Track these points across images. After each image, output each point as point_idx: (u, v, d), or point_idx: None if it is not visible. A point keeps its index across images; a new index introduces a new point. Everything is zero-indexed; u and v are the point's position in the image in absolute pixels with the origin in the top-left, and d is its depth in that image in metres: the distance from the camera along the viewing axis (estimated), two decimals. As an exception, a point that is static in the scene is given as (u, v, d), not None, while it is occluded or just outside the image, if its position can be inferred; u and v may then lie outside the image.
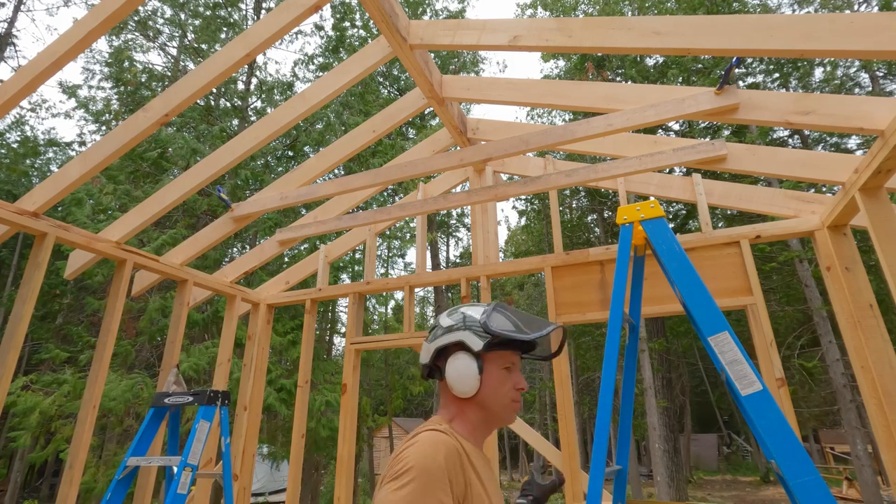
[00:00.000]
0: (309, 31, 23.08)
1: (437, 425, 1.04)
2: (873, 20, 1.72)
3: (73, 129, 60.59)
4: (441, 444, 0.94)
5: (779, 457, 1.27)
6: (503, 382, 1.11)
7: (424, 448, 0.93)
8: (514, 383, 1.12)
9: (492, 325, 1.09)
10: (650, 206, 1.71)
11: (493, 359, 1.11)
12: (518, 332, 1.09)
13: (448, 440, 0.97)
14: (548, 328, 1.10)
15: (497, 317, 1.12)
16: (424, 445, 0.94)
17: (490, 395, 1.10)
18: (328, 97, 2.85)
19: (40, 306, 12.49)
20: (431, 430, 1.00)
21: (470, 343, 1.10)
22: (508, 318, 1.13)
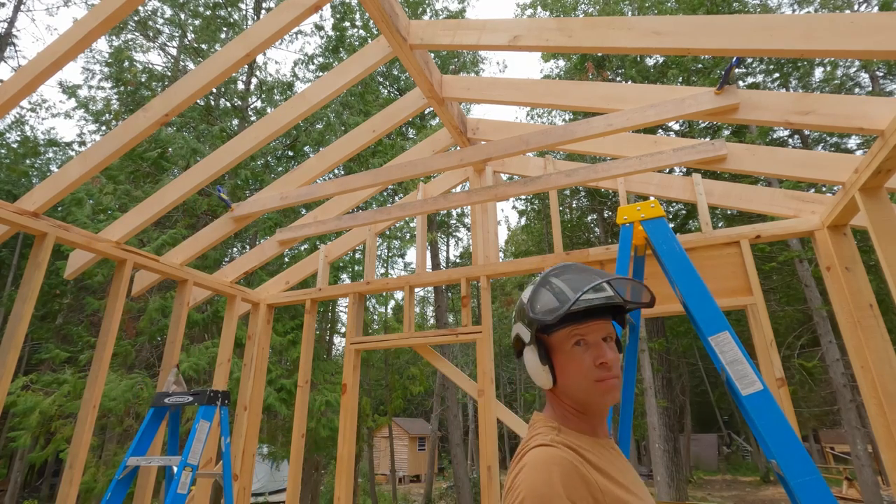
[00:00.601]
0: (309, 31, 23.09)
1: (544, 432, 0.93)
2: (873, 20, 1.72)
3: (73, 129, 60.62)
4: (553, 464, 0.83)
5: (779, 456, 1.27)
6: (579, 362, 0.95)
7: (535, 475, 0.82)
8: (594, 358, 0.94)
9: (532, 311, 0.97)
10: (650, 206, 1.71)
11: (558, 339, 0.97)
12: (555, 308, 0.94)
13: (560, 456, 0.85)
14: (584, 288, 0.92)
15: (540, 295, 0.98)
16: (535, 471, 0.83)
17: (568, 383, 0.96)
18: (328, 97, 2.85)
19: (40, 306, 12.49)
20: (539, 445, 0.89)
21: (523, 337, 1.00)
22: (555, 288, 0.97)
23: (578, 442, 0.92)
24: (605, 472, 0.87)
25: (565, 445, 0.88)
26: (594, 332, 0.96)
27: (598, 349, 0.95)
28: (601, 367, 0.94)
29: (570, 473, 0.82)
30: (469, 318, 3.54)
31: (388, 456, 20.71)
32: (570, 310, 0.92)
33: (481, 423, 3.17)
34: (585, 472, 0.83)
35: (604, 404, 0.95)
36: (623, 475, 0.91)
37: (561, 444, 0.88)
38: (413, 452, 27.23)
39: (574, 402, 0.97)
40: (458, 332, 3.46)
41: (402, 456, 26.40)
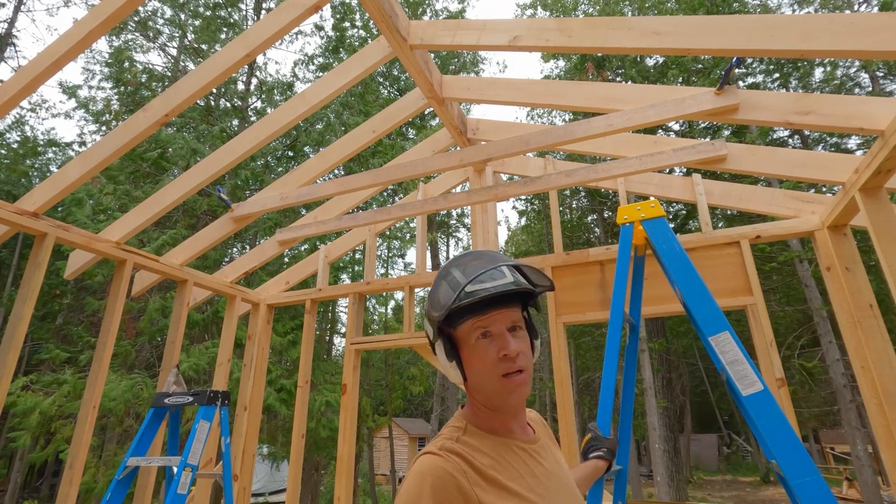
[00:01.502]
0: (309, 32, 23.09)
1: (445, 434, 0.91)
2: (873, 20, 1.72)
3: (73, 130, 60.66)
4: (428, 475, 0.79)
5: (780, 457, 1.27)
6: (483, 355, 0.88)
7: (410, 486, 0.79)
8: (498, 350, 0.88)
9: (433, 306, 0.90)
10: (650, 206, 1.71)
11: (463, 333, 0.91)
12: (458, 298, 0.87)
13: (438, 467, 0.80)
14: (472, 276, 0.86)
15: (440, 288, 0.92)
16: (411, 482, 0.80)
17: (474, 376, 0.91)
18: (328, 97, 2.85)
19: (40, 306, 12.49)
20: (426, 453, 0.85)
21: (429, 333, 0.95)
22: (452, 279, 0.90)
23: (479, 445, 0.87)
24: (495, 481, 0.82)
25: (454, 452, 0.83)
26: (498, 323, 0.89)
27: (501, 340, 0.88)
28: (504, 360, 0.87)
29: (445, 487, 0.77)
30: (469, 318, 3.53)
31: (389, 456, 20.71)
32: (467, 301, 0.86)
33: (481, 423, 3.16)
34: (465, 485, 0.78)
35: (509, 404, 0.89)
36: (521, 480, 0.85)
37: (448, 452, 0.83)
38: (413, 453, 27.22)
39: (484, 398, 0.91)
40: (458, 333, 3.45)
41: (402, 456, 26.39)
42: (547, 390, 21.92)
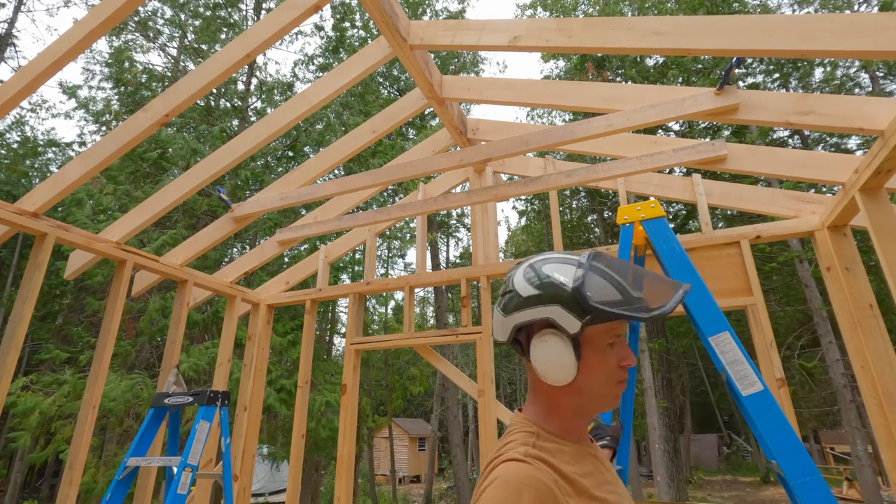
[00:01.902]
0: (309, 32, 23.10)
1: (519, 440, 0.84)
2: (873, 20, 1.72)
3: (73, 130, 60.67)
4: (525, 486, 0.73)
5: (780, 457, 1.27)
6: (606, 362, 0.86)
7: (503, 497, 0.72)
8: (620, 359, 0.87)
9: (592, 298, 0.81)
10: (650, 206, 1.71)
11: (594, 336, 0.86)
12: (627, 303, 0.82)
13: (533, 477, 0.75)
14: (675, 297, 0.83)
15: (595, 282, 0.83)
16: (503, 492, 0.73)
17: (590, 381, 0.86)
18: (328, 97, 2.85)
19: (40, 307, 12.49)
20: (511, 460, 0.78)
21: (563, 324, 0.83)
22: (610, 279, 0.84)
23: (560, 451, 0.84)
24: (583, 489, 0.79)
25: (541, 460, 0.79)
26: (625, 331, 0.89)
27: (623, 349, 0.87)
28: (622, 369, 0.87)
29: (544, 499, 0.72)
30: (469, 318, 3.54)
31: (388, 456, 20.71)
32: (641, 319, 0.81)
33: (481, 423, 3.17)
34: (559, 495, 0.74)
35: (611, 407, 0.89)
36: (604, 486, 0.84)
37: (535, 459, 0.79)
38: (413, 453, 27.22)
39: (582, 403, 0.87)
40: (458, 333, 3.46)
41: (402, 456, 26.39)
42: (547, 390, 21.88)
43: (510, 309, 0.89)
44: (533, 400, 0.93)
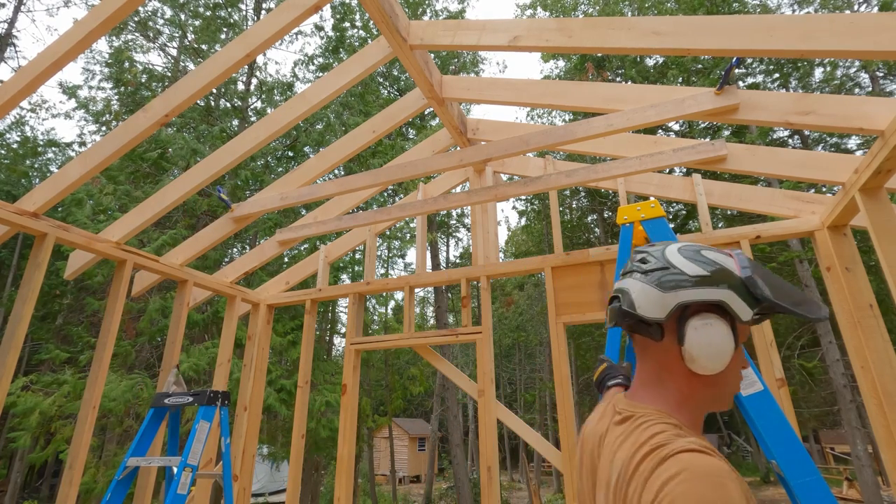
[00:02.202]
0: (309, 32, 23.10)
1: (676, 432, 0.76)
2: (873, 20, 1.72)
3: (73, 130, 60.66)
4: (725, 478, 0.65)
5: (780, 457, 1.27)
6: (740, 358, 0.87)
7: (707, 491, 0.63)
8: (742, 362, 0.88)
9: (763, 291, 0.82)
10: (650, 206, 1.71)
11: (743, 330, 0.87)
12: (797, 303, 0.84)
13: (725, 467, 0.67)
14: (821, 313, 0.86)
15: (763, 276, 0.86)
16: (705, 486, 0.64)
17: (730, 374, 0.85)
18: (328, 97, 2.85)
19: (40, 307, 12.49)
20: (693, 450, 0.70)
21: (737, 309, 0.82)
22: (768, 277, 0.87)
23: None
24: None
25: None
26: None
27: (742, 354, 0.88)
28: (742, 369, 0.89)
29: (745, 491, 0.67)
30: (469, 318, 3.54)
31: (388, 456, 20.72)
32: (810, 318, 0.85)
33: (481, 423, 3.17)
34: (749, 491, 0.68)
35: (726, 408, 0.89)
36: None
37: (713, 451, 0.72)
38: (413, 453, 27.23)
39: (714, 396, 0.86)
40: (458, 333, 3.46)
41: (402, 456, 26.40)
42: (547, 391, 21.90)
43: (670, 286, 0.84)
44: (657, 388, 0.88)
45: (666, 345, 0.86)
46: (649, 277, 0.87)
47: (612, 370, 1.47)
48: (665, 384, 0.87)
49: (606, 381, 1.44)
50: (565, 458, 2.93)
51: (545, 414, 23.54)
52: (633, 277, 0.90)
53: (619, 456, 0.79)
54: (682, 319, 0.84)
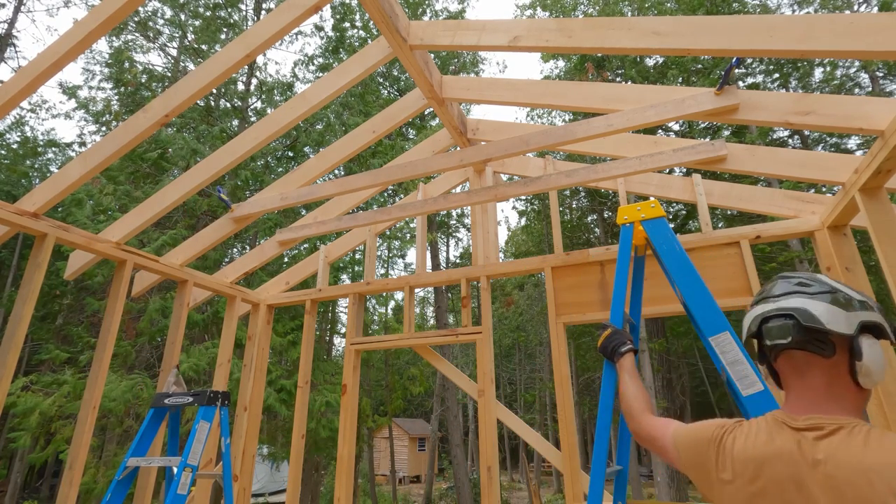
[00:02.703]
0: (309, 32, 23.08)
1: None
2: (873, 20, 1.72)
3: (73, 130, 60.67)
4: None
5: (779, 457, 1.27)
6: None
7: None
8: None
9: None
10: (651, 206, 1.71)
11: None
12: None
13: None
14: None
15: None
16: None
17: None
18: (328, 98, 2.85)
19: (40, 307, 12.49)
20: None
21: (889, 332, 0.97)
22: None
23: None
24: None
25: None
26: None
27: None
28: None
29: None
30: (469, 318, 3.54)
31: (388, 456, 20.71)
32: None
33: (481, 423, 3.16)
34: None
35: None
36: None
37: None
38: (413, 453, 27.22)
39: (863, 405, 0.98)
40: (458, 333, 3.46)
41: (402, 456, 26.39)
42: (547, 391, 21.90)
43: (854, 307, 0.95)
44: (836, 402, 0.95)
45: (836, 360, 0.94)
46: (825, 297, 0.97)
47: (619, 336, 1.54)
48: (843, 397, 0.95)
49: (618, 347, 1.52)
50: (565, 458, 2.92)
51: (545, 414, 23.54)
52: (802, 297, 0.99)
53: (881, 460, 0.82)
54: (855, 338, 0.93)
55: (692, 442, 1.13)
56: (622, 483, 1.90)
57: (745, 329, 1.10)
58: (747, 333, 1.09)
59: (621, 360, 1.52)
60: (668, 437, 1.21)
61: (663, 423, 1.26)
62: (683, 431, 1.18)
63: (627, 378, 1.47)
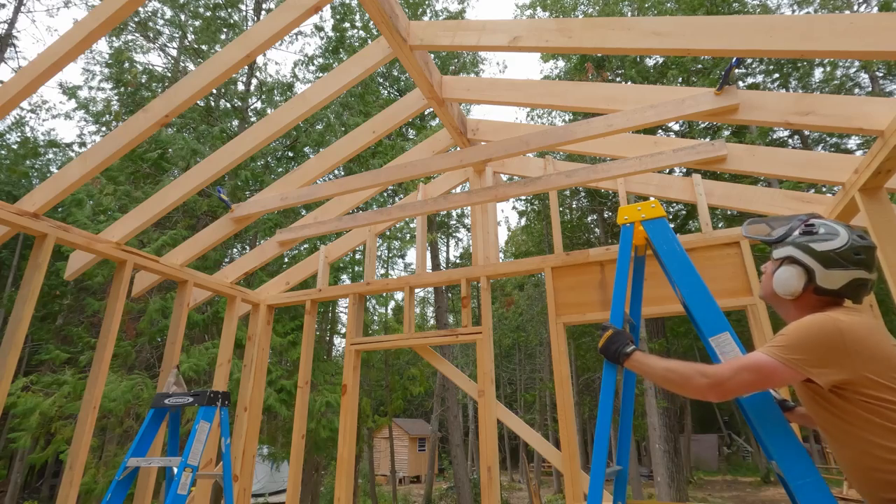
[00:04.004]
0: (309, 32, 23.07)
1: None
2: (873, 20, 1.72)
3: (73, 130, 60.73)
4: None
5: (780, 458, 1.27)
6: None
7: None
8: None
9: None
10: (651, 206, 1.71)
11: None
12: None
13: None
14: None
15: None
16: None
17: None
18: (328, 98, 2.85)
19: (40, 307, 12.49)
20: None
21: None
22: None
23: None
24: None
25: None
26: None
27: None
28: None
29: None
30: (469, 318, 3.54)
31: (389, 457, 20.70)
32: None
33: (481, 423, 3.17)
34: None
35: None
36: None
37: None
38: (413, 453, 27.21)
39: None
40: (458, 333, 3.46)
41: (402, 457, 26.38)
42: (547, 391, 21.89)
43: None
44: None
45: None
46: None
47: (621, 337, 1.54)
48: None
49: (622, 349, 1.51)
50: (565, 458, 2.92)
51: (545, 414, 23.52)
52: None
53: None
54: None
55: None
56: (622, 483, 1.90)
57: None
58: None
59: (629, 361, 1.51)
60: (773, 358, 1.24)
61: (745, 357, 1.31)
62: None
63: (650, 362, 1.46)
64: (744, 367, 1.26)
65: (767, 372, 1.23)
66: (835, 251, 1.32)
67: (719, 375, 1.27)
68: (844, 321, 1.22)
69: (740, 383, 1.25)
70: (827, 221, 1.40)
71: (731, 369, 1.27)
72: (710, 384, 1.28)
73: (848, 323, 1.22)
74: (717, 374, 1.28)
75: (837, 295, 1.34)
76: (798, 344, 1.22)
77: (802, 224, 1.42)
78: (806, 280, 1.36)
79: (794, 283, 1.37)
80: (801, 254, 1.37)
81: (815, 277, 1.34)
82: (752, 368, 1.24)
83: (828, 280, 1.33)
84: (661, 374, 1.41)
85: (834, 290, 1.33)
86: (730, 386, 1.26)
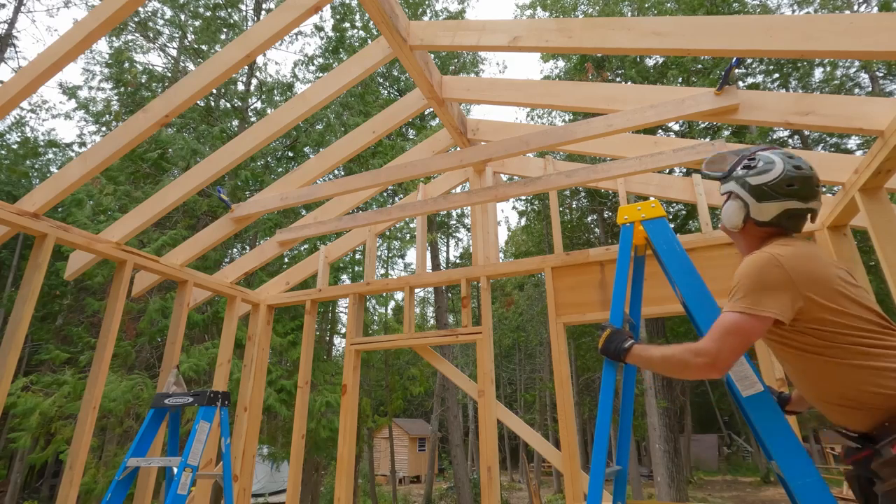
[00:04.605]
0: (309, 32, 23.08)
1: None
2: (873, 20, 1.72)
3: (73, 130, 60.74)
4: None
5: (780, 458, 1.27)
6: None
7: None
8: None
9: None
10: (651, 206, 1.71)
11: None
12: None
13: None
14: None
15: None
16: None
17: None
18: (328, 98, 2.85)
19: (40, 307, 12.48)
20: None
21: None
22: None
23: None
24: None
25: None
26: None
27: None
28: None
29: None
30: (469, 318, 3.54)
31: (389, 457, 20.70)
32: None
33: (481, 423, 3.17)
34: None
35: None
36: None
37: None
38: (413, 453, 27.21)
39: None
40: (458, 333, 3.46)
41: (402, 457, 26.38)
42: (547, 391, 21.90)
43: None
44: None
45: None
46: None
47: (618, 335, 1.56)
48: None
49: (621, 345, 1.52)
50: (565, 458, 2.92)
51: (545, 414, 23.53)
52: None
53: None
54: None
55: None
56: (622, 483, 1.90)
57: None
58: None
59: (629, 355, 1.51)
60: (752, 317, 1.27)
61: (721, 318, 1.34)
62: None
63: (648, 353, 1.46)
64: (725, 331, 1.28)
65: (746, 330, 1.27)
66: (766, 184, 1.37)
67: (711, 350, 1.29)
68: (782, 253, 1.28)
69: (731, 349, 1.28)
70: (769, 153, 1.44)
71: (717, 339, 1.29)
72: (707, 363, 1.29)
73: (786, 254, 1.28)
74: (709, 349, 1.29)
75: (774, 226, 1.38)
76: (752, 290, 1.27)
77: (745, 159, 1.47)
78: (746, 213, 1.42)
79: (734, 217, 1.45)
80: (738, 188, 1.44)
81: (750, 211, 1.40)
82: (732, 330, 1.28)
83: (761, 213, 1.38)
84: (659, 362, 1.43)
85: (767, 221, 1.38)
86: (724, 356, 1.28)
